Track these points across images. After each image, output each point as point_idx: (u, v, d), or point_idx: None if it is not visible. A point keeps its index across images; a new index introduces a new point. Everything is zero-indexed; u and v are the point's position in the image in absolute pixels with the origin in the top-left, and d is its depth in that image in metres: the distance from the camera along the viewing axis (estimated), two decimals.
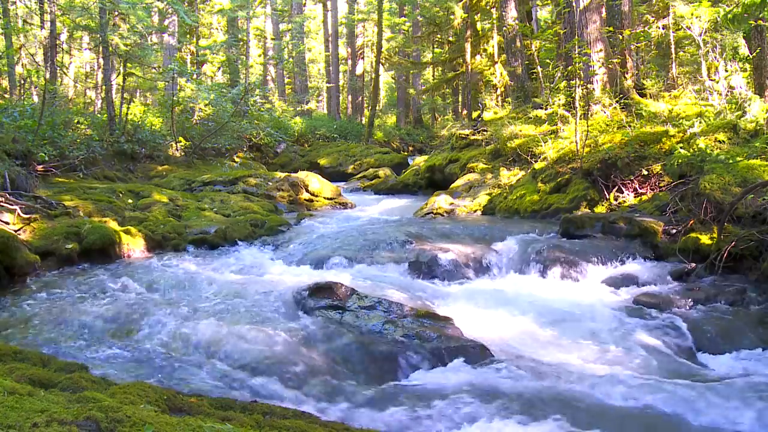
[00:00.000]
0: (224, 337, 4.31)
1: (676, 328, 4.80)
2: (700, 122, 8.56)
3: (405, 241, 7.26)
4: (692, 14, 10.18)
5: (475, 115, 17.94)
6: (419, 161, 17.20)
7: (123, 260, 6.81)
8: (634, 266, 6.41)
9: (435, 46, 29.08)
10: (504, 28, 16.47)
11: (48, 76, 15.06)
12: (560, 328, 4.92)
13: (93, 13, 15.00)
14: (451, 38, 24.48)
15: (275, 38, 29.80)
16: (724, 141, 7.97)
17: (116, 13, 15.41)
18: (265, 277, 6.21)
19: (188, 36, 22.12)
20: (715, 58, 10.03)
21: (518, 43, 16.00)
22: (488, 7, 19.69)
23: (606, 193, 8.48)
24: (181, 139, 15.39)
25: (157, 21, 19.25)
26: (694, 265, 6.02)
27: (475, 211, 10.27)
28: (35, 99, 17.74)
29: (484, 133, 13.66)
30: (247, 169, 14.25)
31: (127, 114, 13.98)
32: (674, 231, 6.67)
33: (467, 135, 14.29)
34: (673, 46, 12.42)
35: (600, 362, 4.33)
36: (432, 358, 4.25)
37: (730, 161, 6.85)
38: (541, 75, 13.54)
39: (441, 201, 10.43)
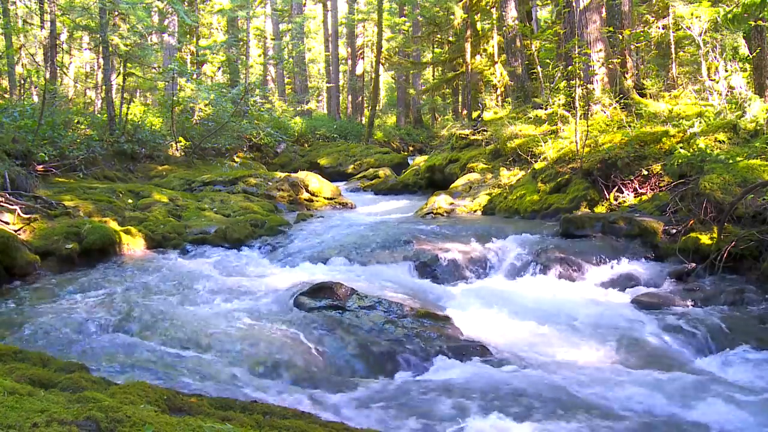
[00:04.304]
0: (224, 336, 4.32)
1: (675, 328, 4.80)
2: (700, 122, 8.56)
3: (405, 241, 7.26)
4: (692, 14, 10.18)
5: (475, 115, 17.94)
6: (419, 161, 17.19)
7: (123, 260, 6.81)
8: (634, 266, 6.41)
9: (435, 46, 29.08)
10: (504, 28, 16.47)
11: (48, 76, 15.06)
12: (560, 328, 4.92)
13: (93, 13, 15.01)
14: (451, 38, 24.48)
15: (275, 38, 29.79)
16: (724, 141, 7.96)
17: (116, 13, 15.41)
18: (265, 277, 6.21)
19: (188, 36, 22.11)
20: (715, 58, 10.03)
21: (518, 43, 16.00)
22: (488, 7, 19.69)
23: (606, 193, 8.48)
24: (181, 139, 15.39)
25: (157, 21, 19.24)
26: (694, 265, 6.02)
27: (475, 211, 10.27)
28: (35, 99, 17.74)
29: (484, 133, 13.66)
30: (247, 169, 14.25)
31: (127, 114, 13.98)
32: (674, 231, 6.67)
33: (467, 135, 14.29)
34: (673, 46, 12.42)
35: (599, 362, 4.33)
36: (432, 358, 4.25)
37: (730, 161, 6.85)
38: (541, 75, 13.53)
39: (441, 201, 10.43)
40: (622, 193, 8.40)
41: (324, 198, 12.26)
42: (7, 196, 6.84)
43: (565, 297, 5.72)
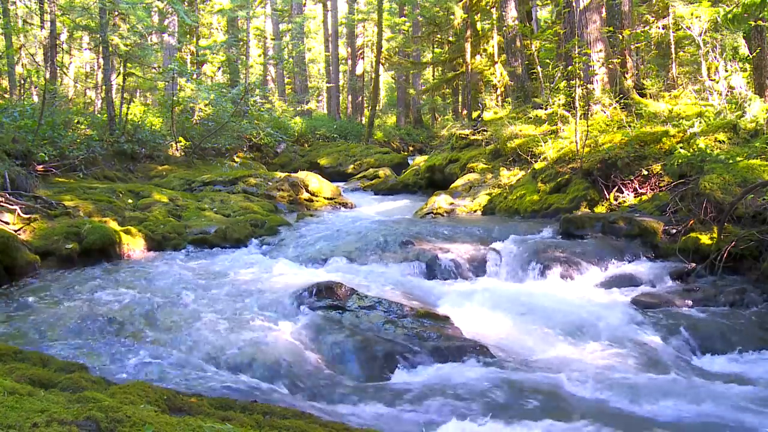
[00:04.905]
0: (224, 336, 4.31)
1: (675, 329, 4.80)
2: (700, 122, 8.56)
3: (405, 241, 7.26)
4: (692, 14, 10.18)
5: (475, 115, 17.94)
6: (419, 161, 17.19)
7: (123, 260, 6.81)
8: (633, 266, 6.41)
9: (435, 46, 29.07)
10: (504, 28, 16.47)
11: (48, 76, 15.06)
12: (559, 328, 4.92)
13: (93, 13, 15.01)
14: (451, 38, 24.48)
15: (275, 38, 29.78)
16: (724, 141, 7.97)
17: (116, 13, 15.41)
18: (265, 277, 6.21)
19: (188, 36, 22.11)
20: (715, 58, 10.03)
21: (518, 43, 16.00)
22: (488, 7, 19.69)
23: (606, 193, 8.48)
24: (181, 139, 15.39)
25: (157, 21, 19.24)
26: (694, 265, 6.02)
27: (475, 211, 10.26)
28: (35, 99, 17.74)
29: (484, 133, 13.66)
30: (247, 169, 14.25)
31: (127, 114, 13.98)
32: (674, 231, 6.67)
33: (467, 135, 14.29)
34: (673, 46, 12.42)
35: (599, 362, 4.32)
36: (432, 358, 4.25)
37: (730, 161, 6.85)
38: (541, 75, 13.54)
39: (441, 201, 10.43)
40: (622, 193, 8.40)
41: (324, 198, 12.26)
42: (7, 196, 6.84)
43: (565, 297, 5.72)
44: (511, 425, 3.22)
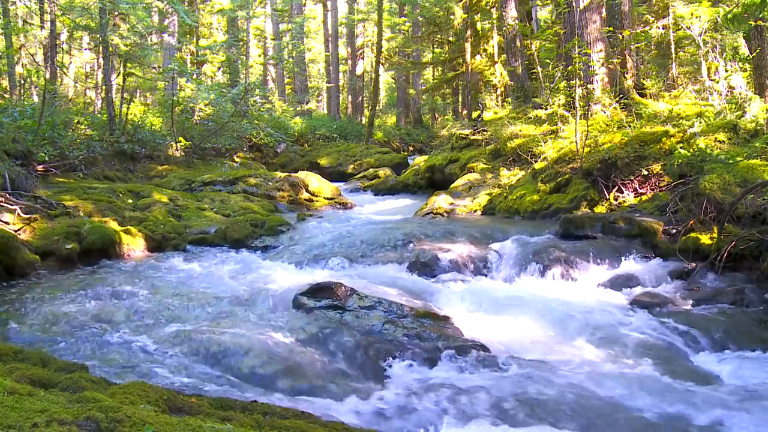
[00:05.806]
0: (224, 337, 4.31)
1: (675, 329, 4.80)
2: (700, 122, 8.56)
3: (405, 241, 7.26)
4: (692, 14, 10.18)
5: (475, 115, 17.94)
6: (419, 161, 17.19)
7: (123, 260, 6.81)
8: (634, 266, 6.41)
9: (435, 46, 29.06)
10: (504, 28, 16.47)
11: (48, 76, 15.06)
12: (560, 328, 4.92)
13: (93, 13, 15.00)
14: (451, 38, 24.46)
15: (275, 38, 29.78)
16: (724, 141, 7.96)
17: (116, 13, 15.41)
18: (265, 276, 6.21)
19: (188, 36, 22.11)
20: (715, 58, 10.03)
21: (518, 43, 16.00)
22: (488, 7, 19.68)
23: (606, 193, 8.48)
24: (181, 139, 15.39)
25: (157, 21, 19.24)
26: (694, 265, 6.02)
27: (475, 211, 10.26)
28: (35, 99, 17.74)
29: (484, 133, 13.66)
30: (247, 169, 14.24)
31: (127, 114, 13.98)
32: (674, 231, 6.67)
33: (467, 135, 14.29)
34: (673, 46, 12.42)
35: (599, 362, 4.33)
36: (432, 358, 4.25)
37: (730, 161, 6.85)
38: (541, 75, 13.53)
39: (441, 201, 10.42)
40: (622, 193, 8.40)
41: (324, 198, 12.26)
42: (7, 196, 6.84)
43: (565, 297, 5.72)
44: (511, 425, 3.22)
